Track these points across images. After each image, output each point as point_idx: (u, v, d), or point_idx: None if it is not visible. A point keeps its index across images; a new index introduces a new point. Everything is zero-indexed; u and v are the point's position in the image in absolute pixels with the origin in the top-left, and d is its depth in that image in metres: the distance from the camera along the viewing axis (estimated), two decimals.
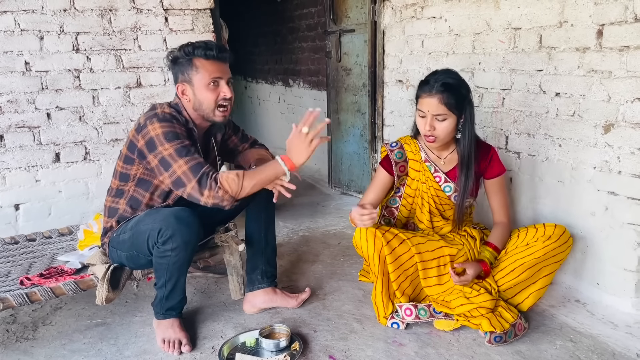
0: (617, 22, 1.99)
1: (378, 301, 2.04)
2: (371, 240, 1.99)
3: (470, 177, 2.04)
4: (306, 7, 4.88)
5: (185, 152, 1.81)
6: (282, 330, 1.98)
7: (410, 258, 2.04)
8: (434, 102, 1.92)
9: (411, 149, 2.15)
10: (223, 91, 1.93)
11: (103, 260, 2.00)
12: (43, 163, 2.79)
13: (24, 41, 2.64)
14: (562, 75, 2.25)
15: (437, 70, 2.03)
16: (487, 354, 1.85)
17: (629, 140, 2.01)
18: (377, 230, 2.00)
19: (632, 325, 2.01)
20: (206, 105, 1.93)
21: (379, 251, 1.99)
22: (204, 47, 1.90)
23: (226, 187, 1.77)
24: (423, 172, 2.12)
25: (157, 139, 1.82)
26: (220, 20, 3.21)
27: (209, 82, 1.90)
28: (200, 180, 1.77)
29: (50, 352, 1.94)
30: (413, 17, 3.11)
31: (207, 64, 1.90)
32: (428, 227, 2.18)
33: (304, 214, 3.50)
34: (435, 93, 1.91)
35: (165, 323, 1.96)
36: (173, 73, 1.98)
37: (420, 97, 1.97)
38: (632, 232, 2.05)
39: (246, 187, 1.81)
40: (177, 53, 1.94)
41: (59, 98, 2.76)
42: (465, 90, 1.98)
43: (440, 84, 1.91)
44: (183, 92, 1.94)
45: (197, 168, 1.79)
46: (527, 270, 2.02)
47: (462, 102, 1.95)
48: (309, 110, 1.79)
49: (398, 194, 2.20)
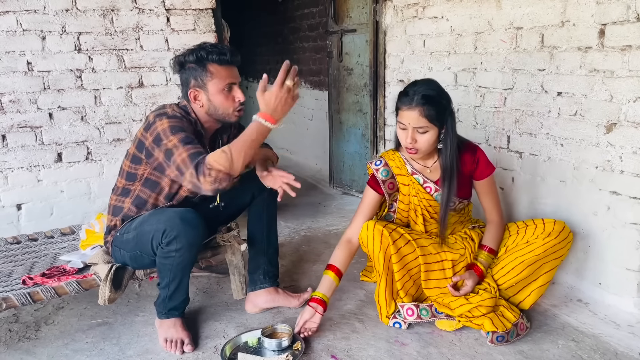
0: (619, 21, 1.99)
1: (381, 300, 2.04)
2: (377, 239, 1.99)
3: (453, 188, 1.99)
4: (307, 7, 4.88)
5: (188, 141, 1.78)
6: (284, 330, 1.98)
7: (415, 259, 2.04)
8: (414, 115, 1.87)
9: (396, 164, 2.10)
10: (237, 96, 1.92)
11: (105, 260, 2.00)
12: (45, 163, 2.79)
13: (26, 41, 2.65)
14: (564, 75, 2.24)
15: (416, 80, 1.99)
16: (489, 354, 1.85)
17: (631, 140, 2.01)
18: (384, 229, 1.99)
19: (635, 325, 2.01)
20: (223, 110, 1.92)
21: (384, 250, 1.99)
22: (218, 53, 1.87)
23: (217, 166, 1.69)
24: (412, 185, 2.08)
25: (164, 132, 1.81)
26: (222, 20, 3.21)
27: (224, 88, 1.89)
28: (197, 166, 1.71)
29: (53, 351, 1.94)
30: (414, 16, 3.11)
31: (221, 69, 1.88)
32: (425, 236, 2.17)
33: (305, 214, 3.50)
34: (416, 106, 1.86)
35: (167, 323, 1.96)
36: (183, 78, 1.93)
37: (400, 109, 1.92)
38: (634, 231, 2.05)
39: (236, 158, 1.71)
40: (188, 58, 1.89)
41: (61, 98, 2.77)
42: (446, 101, 1.93)
43: (421, 96, 1.86)
44: (195, 97, 1.92)
45: (195, 156, 1.73)
46: (527, 267, 2.02)
47: (442, 114, 1.90)
48: (285, 62, 1.71)
49: (392, 209, 2.17)
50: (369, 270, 2.43)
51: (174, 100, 3.00)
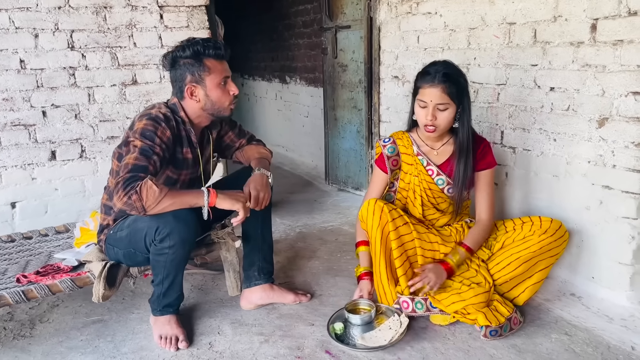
0: (610, 16, 2.00)
1: (384, 281, 2.04)
2: (377, 214, 2.03)
3: (469, 165, 2.06)
4: (302, 3, 4.87)
5: (146, 153, 1.78)
6: (366, 305, 2.06)
7: (411, 240, 2.07)
8: (437, 91, 1.95)
9: (403, 143, 2.18)
10: (232, 89, 1.96)
11: (99, 257, 2.00)
12: (39, 161, 2.78)
13: (18, 39, 2.64)
14: (556, 70, 2.25)
15: (435, 61, 2.05)
16: (482, 348, 1.86)
17: (623, 134, 2.02)
18: (384, 206, 2.04)
19: (627, 319, 2.02)
20: (219, 104, 1.94)
21: (382, 226, 2.02)
22: (214, 47, 1.89)
23: (143, 195, 1.69)
24: (415, 165, 2.15)
25: (137, 131, 1.84)
26: (216, 17, 3.20)
27: (220, 82, 1.92)
28: (128, 180, 1.70)
29: (48, 349, 1.94)
30: (408, 12, 3.11)
31: (217, 64, 1.91)
32: (420, 219, 2.18)
33: (300, 211, 3.50)
34: (438, 83, 1.94)
35: (162, 319, 1.97)
36: (178, 74, 1.93)
37: (422, 87, 1.99)
38: (626, 225, 2.06)
39: (162, 205, 1.73)
40: (183, 53, 1.89)
41: (54, 96, 2.76)
42: (464, 80, 2.02)
43: (442, 74, 1.95)
44: (192, 93, 1.92)
45: (138, 169, 1.73)
46: (523, 264, 2.03)
47: (462, 92, 1.99)
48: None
49: (392, 188, 2.22)
50: None
51: (167, 97, 2.96)
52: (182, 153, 1.97)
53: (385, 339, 1.88)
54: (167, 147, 1.87)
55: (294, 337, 1.97)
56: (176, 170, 1.97)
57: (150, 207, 1.72)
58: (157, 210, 1.74)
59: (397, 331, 1.89)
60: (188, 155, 1.98)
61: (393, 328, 1.91)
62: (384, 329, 1.93)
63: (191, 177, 2.03)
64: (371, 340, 1.89)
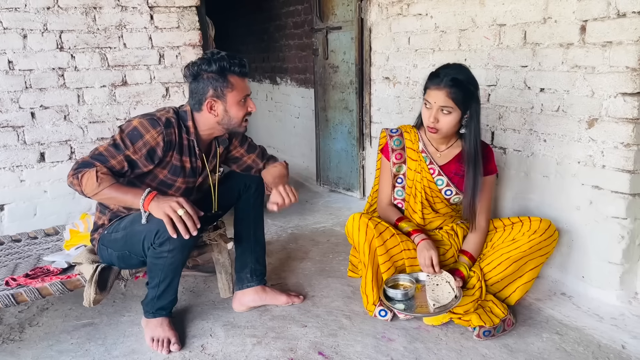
0: (600, 17, 2.01)
1: (368, 290, 2.07)
2: (363, 230, 2.05)
3: (479, 173, 2.04)
4: (293, 4, 4.87)
5: (118, 149, 1.82)
6: (407, 281, 2.06)
7: (399, 252, 2.08)
8: (441, 95, 1.95)
9: (410, 138, 2.19)
10: (250, 106, 1.96)
11: (90, 259, 1.98)
12: (28, 163, 2.75)
13: (7, 40, 2.61)
14: (546, 71, 2.27)
15: (448, 63, 2.06)
16: (474, 348, 1.87)
17: (612, 135, 2.04)
18: (369, 221, 2.06)
19: (617, 318, 2.04)
20: (235, 121, 1.93)
21: (369, 241, 2.05)
22: (239, 65, 1.89)
23: (83, 182, 1.76)
24: (419, 162, 2.16)
25: (128, 127, 1.85)
26: (207, 17, 3.19)
27: (241, 99, 1.91)
28: (82, 164, 1.80)
29: (38, 353, 1.92)
30: (399, 14, 3.12)
31: (240, 81, 1.91)
32: (420, 218, 2.19)
33: (292, 212, 3.49)
34: (444, 87, 1.94)
35: (154, 322, 1.95)
36: (200, 87, 1.89)
37: (429, 88, 2.00)
38: (616, 225, 2.08)
39: (100, 196, 1.79)
40: (208, 67, 1.86)
41: (43, 97, 2.73)
42: (473, 87, 2.00)
43: (450, 78, 1.94)
44: (212, 107, 1.90)
45: (97, 158, 1.81)
46: (513, 263, 2.05)
47: (469, 99, 1.97)
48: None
49: (401, 184, 2.22)
50: (355, 264, 2.44)
51: (157, 99, 2.99)
52: (181, 161, 1.94)
53: (450, 292, 1.95)
54: (150, 153, 1.85)
55: (286, 339, 1.96)
56: (171, 176, 1.94)
57: (89, 194, 1.79)
58: (97, 199, 1.83)
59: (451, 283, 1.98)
60: (187, 164, 1.96)
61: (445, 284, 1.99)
62: (438, 289, 1.98)
63: (187, 186, 2.01)
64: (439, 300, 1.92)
